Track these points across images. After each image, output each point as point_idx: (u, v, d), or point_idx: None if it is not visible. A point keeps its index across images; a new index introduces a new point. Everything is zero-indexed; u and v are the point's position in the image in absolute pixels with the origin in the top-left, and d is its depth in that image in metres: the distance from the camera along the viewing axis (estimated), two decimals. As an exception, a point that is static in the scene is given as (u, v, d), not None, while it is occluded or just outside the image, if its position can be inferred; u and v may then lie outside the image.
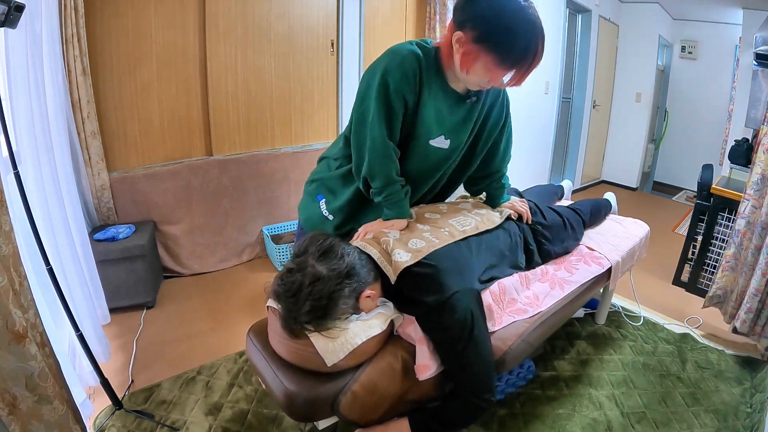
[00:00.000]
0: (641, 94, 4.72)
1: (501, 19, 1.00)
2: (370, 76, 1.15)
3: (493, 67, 1.06)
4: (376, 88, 1.12)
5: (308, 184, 1.48)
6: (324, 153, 1.51)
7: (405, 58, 1.12)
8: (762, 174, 1.85)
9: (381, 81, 1.12)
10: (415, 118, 1.19)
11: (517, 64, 1.05)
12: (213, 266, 2.61)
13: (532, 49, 1.03)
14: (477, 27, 1.02)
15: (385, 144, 1.17)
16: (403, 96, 1.13)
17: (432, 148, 1.25)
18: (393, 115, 1.15)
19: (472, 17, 1.03)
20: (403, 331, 1.19)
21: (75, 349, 1.58)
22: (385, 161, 1.20)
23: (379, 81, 1.12)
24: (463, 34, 1.04)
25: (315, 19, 2.78)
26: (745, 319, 1.88)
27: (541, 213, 1.60)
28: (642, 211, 4.16)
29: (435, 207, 1.47)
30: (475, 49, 1.04)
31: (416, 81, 1.13)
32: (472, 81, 1.13)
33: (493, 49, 1.02)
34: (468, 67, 1.08)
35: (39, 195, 1.45)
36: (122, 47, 2.16)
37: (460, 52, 1.07)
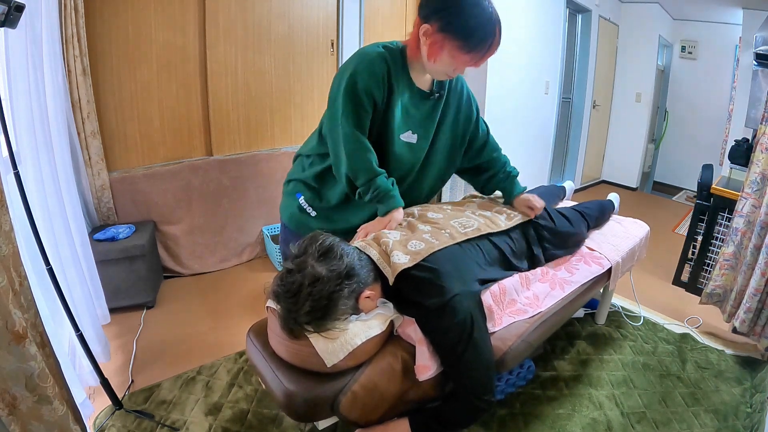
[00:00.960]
0: (641, 94, 4.71)
1: (461, 10, 1.13)
2: (340, 78, 1.23)
3: (456, 53, 1.16)
4: (344, 88, 1.20)
5: (286, 185, 1.53)
6: (298, 150, 1.53)
7: (373, 59, 1.20)
8: (761, 173, 1.85)
9: (350, 81, 1.19)
10: (385, 115, 1.27)
11: (477, 47, 1.16)
12: (213, 266, 2.61)
13: (489, 34, 1.15)
14: (441, 18, 1.14)
15: (357, 136, 1.23)
16: (371, 95, 1.20)
17: (402, 143, 1.33)
18: (363, 112, 1.22)
19: (435, 10, 1.14)
20: (403, 332, 1.19)
21: (75, 349, 1.58)
22: (361, 153, 1.24)
23: (348, 81, 1.19)
24: (429, 26, 1.15)
25: (315, 19, 2.78)
26: (745, 319, 1.88)
27: (550, 217, 1.58)
28: (642, 211, 4.16)
29: (439, 207, 1.46)
30: (441, 38, 1.15)
31: (384, 81, 1.21)
32: (439, 69, 1.22)
33: (456, 36, 1.14)
34: (435, 56, 1.18)
35: (39, 195, 1.45)
36: (122, 47, 2.16)
37: (427, 43, 1.17)
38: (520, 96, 3.66)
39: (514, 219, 1.47)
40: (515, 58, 3.48)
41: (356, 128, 1.22)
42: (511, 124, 3.63)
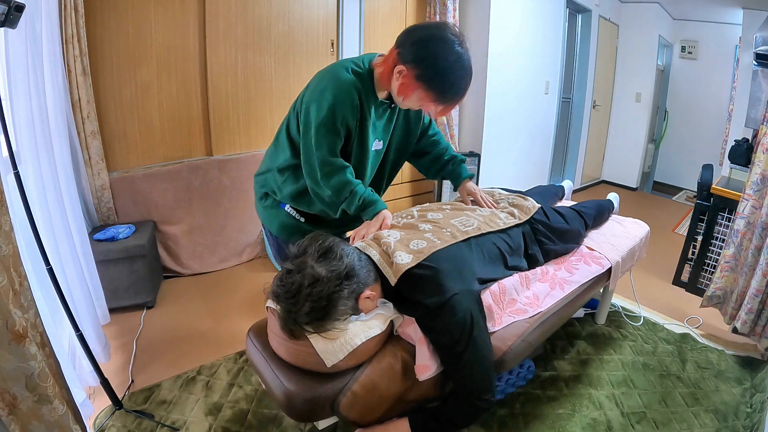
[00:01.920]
0: (641, 94, 4.71)
1: (439, 66, 1.16)
2: (317, 106, 1.24)
3: (427, 101, 1.22)
4: (323, 119, 1.23)
5: (261, 200, 1.52)
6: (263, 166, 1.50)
7: (348, 90, 1.23)
8: (762, 174, 1.85)
9: (328, 113, 1.22)
10: (361, 137, 1.32)
11: (447, 102, 1.22)
12: (213, 266, 2.61)
13: (461, 91, 1.21)
14: (418, 67, 1.16)
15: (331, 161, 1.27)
16: (346, 124, 1.26)
17: (373, 153, 1.41)
18: (337, 140, 1.27)
19: (415, 59, 1.17)
20: (402, 332, 1.19)
21: (75, 349, 1.58)
22: (338, 173, 1.28)
23: (327, 113, 1.22)
24: (405, 69, 1.18)
25: (315, 19, 2.78)
26: (746, 320, 1.88)
27: (545, 215, 1.59)
28: (642, 211, 4.16)
29: (438, 207, 1.47)
30: (415, 84, 1.19)
31: (357, 109, 1.26)
32: (406, 104, 1.29)
33: (430, 89, 1.19)
34: (405, 95, 1.23)
35: (39, 195, 1.45)
36: (122, 47, 2.16)
37: (399, 81, 1.21)
38: (520, 96, 3.66)
39: (514, 218, 1.48)
40: (515, 58, 3.49)
41: (330, 155, 1.26)
42: (511, 124, 3.63)
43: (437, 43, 1.16)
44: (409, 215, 1.40)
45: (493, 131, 3.42)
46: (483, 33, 3.22)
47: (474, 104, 3.38)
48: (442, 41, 1.16)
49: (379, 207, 1.32)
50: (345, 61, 1.31)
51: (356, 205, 1.30)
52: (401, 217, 1.40)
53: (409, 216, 1.40)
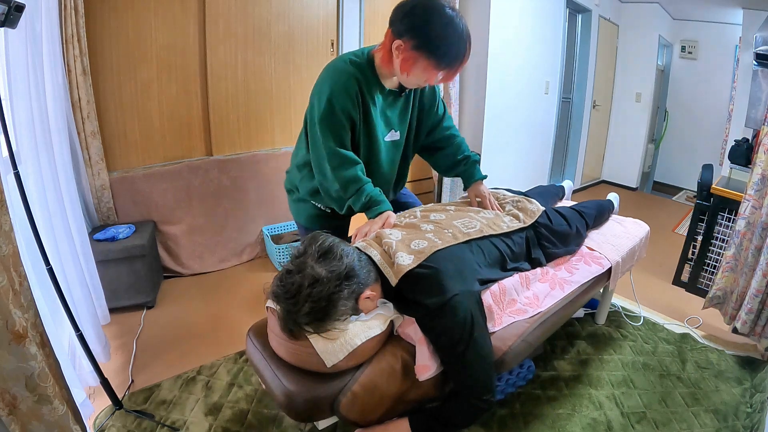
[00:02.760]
0: (641, 94, 4.71)
1: (434, 30, 1.17)
2: (317, 99, 1.29)
3: (429, 69, 1.21)
4: (323, 111, 1.26)
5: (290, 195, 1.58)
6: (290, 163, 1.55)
7: (346, 81, 1.26)
8: (762, 174, 1.85)
9: (327, 105, 1.26)
10: (367, 127, 1.34)
11: (449, 66, 1.22)
12: (213, 266, 2.61)
13: (461, 52, 1.21)
14: (414, 37, 1.18)
15: (340, 153, 1.29)
16: (349, 114, 1.28)
17: (388, 144, 1.42)
18: (342, 131, 1.29)
19: (409, 28, 1.18)
20: (403, 332, 1.19)
21: (75, 349, 1.58)
22: (347, 166, 1.29)
23: (326, 105, 1.26)
24: (402, 43, 1.19)
25: (315, 19, 2.78)
26: (746, 320, 1.88)
27: (548, 216, 1.59)
28: (642, 211, 4.16)
29: (442, 207, 1.47)
30: (414, 55, 1.19)
31: (358, 99, 1.28)
32: (411, 81, 1.28)
33: (429, 55, 1.19)
34: (408, 70, 1.23)
35: (39, 195, 1.45)
36: (122, 47, 2.16)
37: (400, 57, 1.22)
38: (520, 96, 3.66)
39: (518, 222, 1.47)
40: (515, 59, 3.48)
41: (338, 146, 1.28)
42: (511, 123, 3.63)
43: (427, 9, 1.17)
44: (412, 215, 1.40)
45: (493, 131, 3.41)
46: (483, 33, 3.22)
47: (474, 104, 3.38)
48: (431, 7, 1.17)
49: (383, 207, 1.32)
50: (344, 54, 1.34)
51: (362, 203, 1.31)
52: (404, 216, 1.40)
53: (411, 216, 1.40)
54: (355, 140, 1.34)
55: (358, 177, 1.30)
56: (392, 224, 1.31)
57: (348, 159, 1.29)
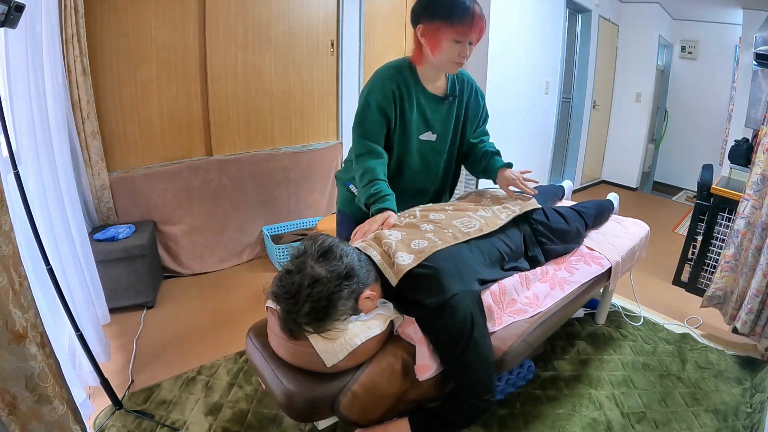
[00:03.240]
0: (641, 94, 4.71)
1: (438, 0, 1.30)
2: (360, 96, 1.44)
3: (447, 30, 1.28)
4: (362, 105, 1.42)
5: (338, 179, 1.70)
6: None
7: (384, 80, 1.40)
8: (762, 174, 1.85)
9: (366, 101, 1.41)
10: (402, 124, 1.44)
11: (461, 16, 1.28)
12: (213, 266, 2.61)
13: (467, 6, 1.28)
14: (424, 13, 1.32)
15: (368, 145, 1.41)
16: (384, 111, 1.40)
17: (422, 142, 1.50)
18: (374, 126, 1.41)
19: (419, 11, 1.33)
20: (403, 332, 1.19)
21: (75, 349, 1.58)
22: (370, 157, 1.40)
23: (364, 100, 1.41)
24: (420, 26, 1.33)
25: (315, 19, 2.78)
26: (746, 320, 1.88)
27: (545, 214, 1.59)
28: (642, 211, 4.16)
29: (441, 207, 1.47)
30: (430, 27, 1.30)
31: (395, 97, 1.40)
32: (445, 59, 1.34)
33: (440, 17, 1.29)
34: (435, 47, 1.32)
35: (39, 195, 1.45)
36: (122, 47, 2.16)
37: (426, 42, 1.33)
38: (520, 96, 3.66)
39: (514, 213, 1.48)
40: (515, 58, 3.48)
41: (367, 138, 1.40)
42: (511, 123, 3.63)
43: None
44: (411, 215, 1.40)
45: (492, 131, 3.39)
46: (483, 33, 3.22)
47: (474, 104, 3.38)
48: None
49: (387, 205, 1.35)
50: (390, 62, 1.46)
51: (369, 194, 1.36)
52: (404, 216, 1.40)
53: (411, 216, 1.40)
54: (390, 135, 1.44)
55: (375, 170, 1.38)
56: (392, 224, 1.31)
57: (373, 150, 1.40)
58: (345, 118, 3.07)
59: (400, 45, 3.25)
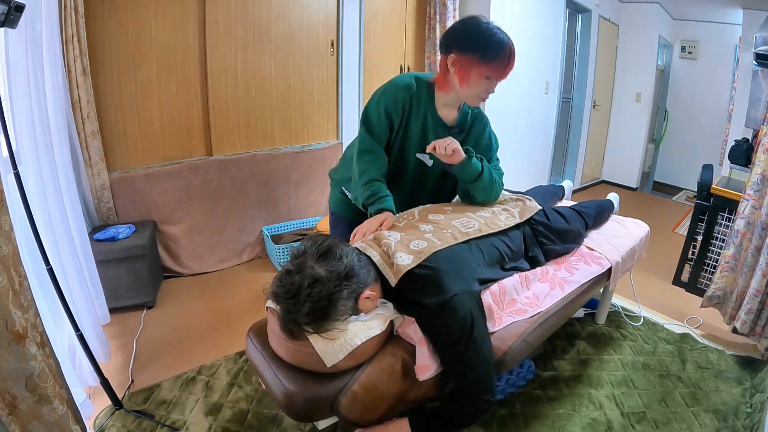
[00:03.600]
0: (641, 94, 4.71)
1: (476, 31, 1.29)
2: (372, 98, 1.43)
3: (480, 66, 1.28)
4: (371, 105, 1.41)
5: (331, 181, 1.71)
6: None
7: (399, 88, 1.39)
8: (762, 174, 1.85)
9: (376, 101, 1.40)
10: (404, 135, 1.44)
11: (496, 55, 1.27)
12: (213, 266, 2.61)
13: (505, 44, 1.28)
14: (459, 43, 1.29)
15: (372, 143, 1.40)
16: (390, 116, 1.40)
17: (416, 160, 1.49)
18: (380, 128, 1.40)
19: (453, 39, 1.31)
20: (403, 332, 1.19)
21: (75, 349, 1.58)
22: (372, 156, 1.40)
23: (375, 101, 1.41)
24: (453, 55, 1.30)
25: (315, 19, 2.78)
26: (746, 320, 1.88)
27: (545, 214, 1.59)
28: (642, 211, 4.16)
29: (440, 208, 1.47)
30: (463, 59, 1.29)
31: (402, 107, 1.39)
32: (472, 93, 1.34)
33: (476, 52, 1.27)
34: (465, 79, 1.30)
35: (39, 195, 1.45)
36: (122, 47, 2.16)
37: (455, 71, 1.31)
38: (520, 96, 3.66)
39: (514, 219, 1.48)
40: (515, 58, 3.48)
41: (372, 137, 1.40)
42: (511, 123, 3.63)
43: (466, 21, 1.33)
44: (410, 216, 1.40)
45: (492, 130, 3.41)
46: (483, 33, 3.22)
47: (474, 104, 3.38)
48: (470, 18, 1.32)
49: (386, 206, 1.35)
50: (413, 73, 1.47)
51: (367, 195, 1.36)
52: (402, 217, 1.40)
53: (410, 216, 1.40)
54: (389, 144, 1.44)
55: (374, 170, 1.38)
56: (390, 225, 1.31)
57: (376, 150, 1.40)
58: (345, 118, 3.07)
59: (400, 45, 3.25)
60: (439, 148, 1.32)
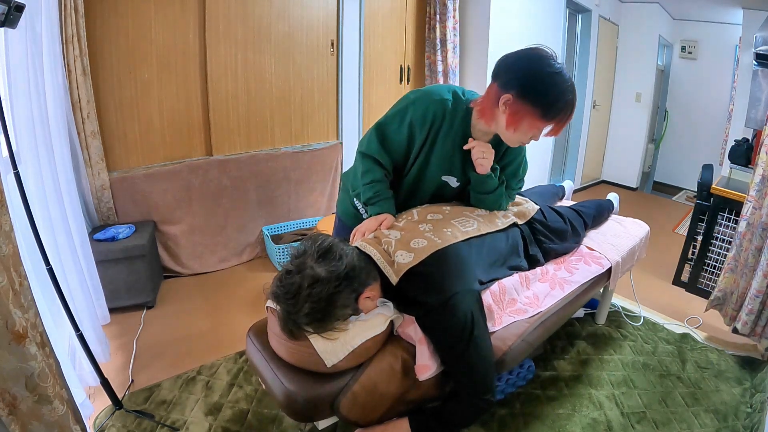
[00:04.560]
0: (641, 94, 4.71)
1: (543, 80, 1.13)
2: (402, 100, 1.33)
3: (536, 121, 1.16)
4: (398, 109, 1.31)
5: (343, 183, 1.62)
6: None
7: (432, 101, 1.27)
8: (763, 175, 1.85)
9: (404, 107, 1.30)
10: (428, 154, 1.33)
11: (556, 116, 1.17)
12: (213, 266, 2.61)
13: (570, 104, 1.16)
14: (521, 86, 1.14)
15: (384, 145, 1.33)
16: (413, 129, 1.29)
17: (441, 181, 1.41)
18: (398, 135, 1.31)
19: (516, 80, 1.14)
20: (403, 332, 1.19)
21: (75, 349, 1.58)
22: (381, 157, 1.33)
23: (403, 106, 1.30)
24: (510, 96, 1.15)
25: (315, 19, 2.78)
26: (746, 321, 1.88)
27: (542, 213, 1.60)
28: (642, 211, 4.16)
29: (438, 208, 1.47)
30: (521, 107, 1.15)
31: (431, 123, 1.28)
32: (516, 138, 1.23)
33: (537, 106, 1.14)
34: (515, 125, 1.18)
35: (39, 195, 1.45)
36: (122, 47, 2.16)
37: (506, 112, 1.17)
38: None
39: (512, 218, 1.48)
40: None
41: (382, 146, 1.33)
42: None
43: (534, 59, 1.15)
44: (409, 215, 1.40)
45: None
46: (483, 33, 3.22)
47: (474, 104, 3.38)
48: (537, 57, 1.15)
49: (386, 209, 1.34)
50: (453, 86, 1.33)
51: (369, 196, 1.34)
52: (402, 217, 1.40)
53: (409, 216, 1.40)
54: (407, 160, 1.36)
55: (381, 173, 1.34)
56: (390, 225, 1.31)
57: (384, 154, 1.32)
58: (345, 118, 3.07)
59: (400, 45, 3.25)
60: (477, 153, 1.29)
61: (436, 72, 3.24)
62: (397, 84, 3.32)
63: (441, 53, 3.20)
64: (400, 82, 3.33)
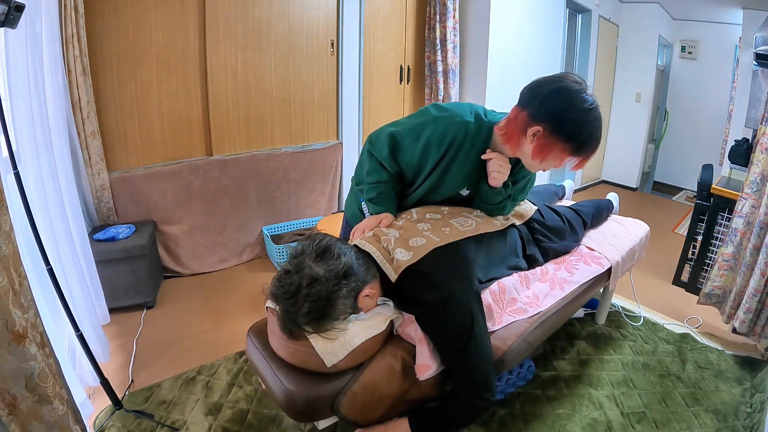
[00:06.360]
0: (641, 94, 4.71)
1: (577, 116, 1.12)
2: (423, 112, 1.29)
3: (565, 156, 1.16)
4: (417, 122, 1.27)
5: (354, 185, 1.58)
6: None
7: (454, 123, 1.24)
8: (761, 173, 1.85)
9: (419, 126, 1.27)
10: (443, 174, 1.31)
11: (587, 152, 1.16)
12: (213, 266, 2.61)
13: (599, 139, 1.17)
14: (554, 122, 1.11)
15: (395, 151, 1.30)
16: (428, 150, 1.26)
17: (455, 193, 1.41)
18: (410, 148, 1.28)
19: (547, 112, 1.12)
20: (403, 331, 1.19)
21: (75, 349, 1.58)
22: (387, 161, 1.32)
23: (422, 121, 1.27)
24: (540, 129, 1.13)
25: (315, 19, 2.78)
26: (744, 320, 1.88)
27: (540, 214, 1.60)
28: (642, 211, 4.16)
29: (437, 208, 1.47)
30: (551, 141, 1.13)
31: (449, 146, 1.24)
32: (539, 166, 1.22)
33: (569, 141, 1.13)
34: (542, 156, 1.16)
35: (39, 195, 1.45)
36: (122, 47, 2.16)
37: (535, 143, 1.15)
38: (521, 96, 3.65)
39: (510, 219, 1.48)
40: (515, 59, 3.48)
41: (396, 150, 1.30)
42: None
43: (566, 93, 1.12)
44: (408, 215, 1.40)
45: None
46: (483, 33, 3.22)
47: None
48: (568, 91, 1.12)
49: (386, 209, 1.34)
50: (476, 106, 1.30)
51: (371, 195, 1.35)
52: (401, 216, 1.40)
53: (408, 216, 1.40)
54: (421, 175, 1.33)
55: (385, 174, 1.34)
56: (389, 224, 1.31)
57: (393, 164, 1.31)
58: (345, 118, 3.07)
59: (400, 45, 3.25)
60: (494, 166, 1.27)
61: (436, 72, 3.25)
62: (397, 84, 3.32)
63: (441, 53, 3.20)
64: (400, 82, 3.33)
